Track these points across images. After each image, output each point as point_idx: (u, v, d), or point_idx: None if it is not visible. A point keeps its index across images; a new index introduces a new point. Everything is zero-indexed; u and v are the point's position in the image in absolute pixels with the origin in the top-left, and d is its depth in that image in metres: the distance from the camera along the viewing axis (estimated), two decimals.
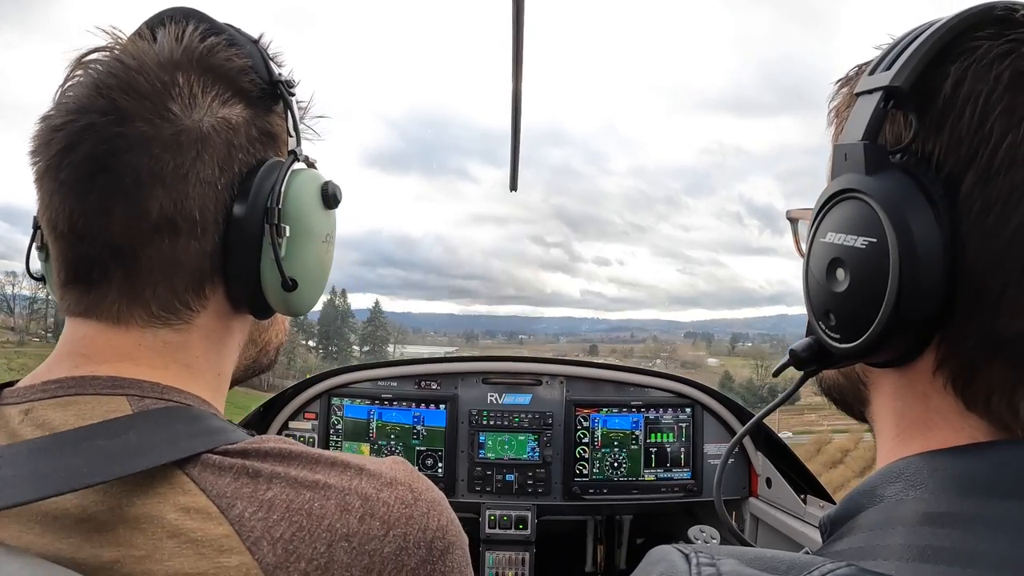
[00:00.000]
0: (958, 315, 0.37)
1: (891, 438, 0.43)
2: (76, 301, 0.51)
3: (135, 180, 0.48)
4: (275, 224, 0.53)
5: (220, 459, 0.46)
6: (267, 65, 0.57)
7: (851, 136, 0.41)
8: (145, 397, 0.49)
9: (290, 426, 1.93)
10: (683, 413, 1.93)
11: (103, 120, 0.48)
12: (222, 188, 0.52)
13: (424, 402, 1.92)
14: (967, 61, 0.38)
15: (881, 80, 0.40)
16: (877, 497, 0.39)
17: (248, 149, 0.54)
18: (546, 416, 1.91)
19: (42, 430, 0.46)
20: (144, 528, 0.42)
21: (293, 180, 0.55)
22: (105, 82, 0.49)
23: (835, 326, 0.42)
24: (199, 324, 0.54)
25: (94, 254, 0.49)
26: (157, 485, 0.44)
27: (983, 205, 0.36)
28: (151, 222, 0.49)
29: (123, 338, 0.51)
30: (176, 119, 0.50)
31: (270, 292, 0.55)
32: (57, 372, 0.50)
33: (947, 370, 0.39)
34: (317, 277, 0.59)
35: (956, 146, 0.37)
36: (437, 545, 0.49)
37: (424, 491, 0.51)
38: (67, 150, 0.48)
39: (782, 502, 1.76)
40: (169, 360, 0.52)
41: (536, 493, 1.88)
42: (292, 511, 0.45)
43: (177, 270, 0.51)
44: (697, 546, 0.37)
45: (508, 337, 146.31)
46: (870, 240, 0.39)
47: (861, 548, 0.36)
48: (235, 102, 0.54)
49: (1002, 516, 0.33)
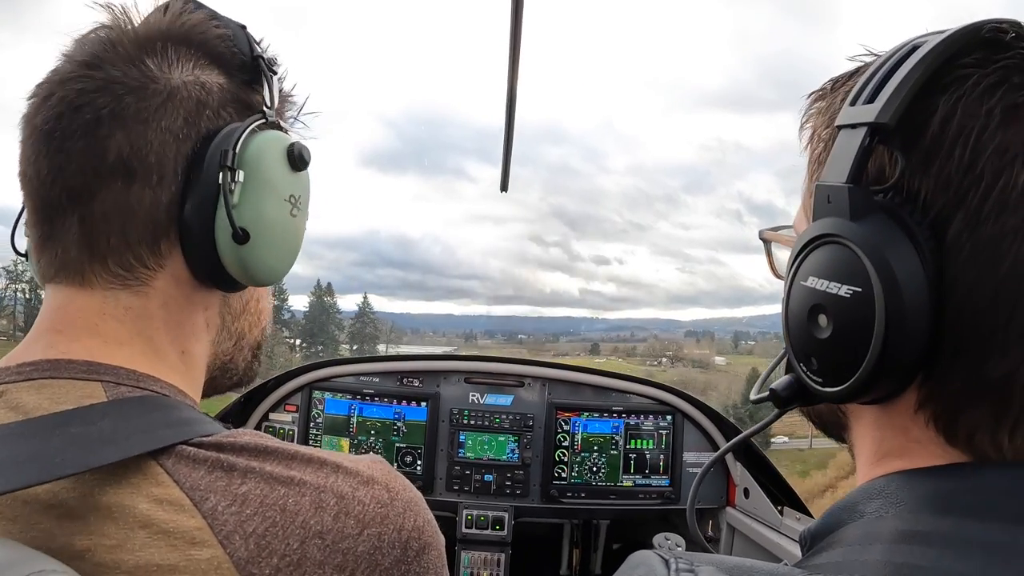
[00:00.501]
0: (943, 359, 0.36)
1: (870, 462, 0.43)
2: (48, 262, 0.51)
3: (96, 119, 0.49)
4: (227, 166, 0.51)
5: (195, 451, 0.45)
6: (249, 42, 0.57)
7: (834, 176, 0.40)
8: (120, 384, 0.48)
9: (270, 418, 1.93)
10: (664, 420, 1.93)
11: (80, 70, 0.50)
12: (183, 139, 0.51)
13: (405, 399, 1.92)
14: (956, 93, 0.36)
15: (865, 115, 0.39)
16: (857, 513, 0.39)
17: (219, 112, 0.53)
18: (527, 418, 1.91)
19: (16, 413, 0.45)
20: (116, 517, 0.42)
21: (257, 134, 0.54)
22: (89, 40, 0.51)
23: (817, 370, 0.41)
24: (158, 287, 0.52)
25: (53, 198, 0.49)
26: (130, 475, 0.43)
27: (971, 252, 0.35)
28: (108, 164, 0.49)
29: (89, 304, 0.51)
30: (148, 71, 0.51)
31: (223, 248, 0.52)
32: (33, 353, 0.49)
33: (929, 409, 0.38)
34: (277, 236, 0.56)
35: (944, 187, 0.36)
36: (412, 545, 0.49)
37: (401, 491, 0.51)
38: (44, 99, 0.50)
39: (759, 513, 1.76)
40: (133, 332, 0.51)
41: (514, 494, 1.88)
42: (266, 506, 0.44)
43: (131, 219, 0.50)
44: (677, 552, 0.37)
45: (507, 337, 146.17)
46: (855, 289, 0.38)
47: (839, 563, 0.36)
48: (212, 68, 0.54)
49: (977, 537, 0.33)
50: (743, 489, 1.84)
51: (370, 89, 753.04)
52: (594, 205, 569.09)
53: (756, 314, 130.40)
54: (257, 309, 0.63)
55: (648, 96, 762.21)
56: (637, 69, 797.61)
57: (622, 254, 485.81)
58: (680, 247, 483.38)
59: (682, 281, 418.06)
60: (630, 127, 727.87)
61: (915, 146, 0.37)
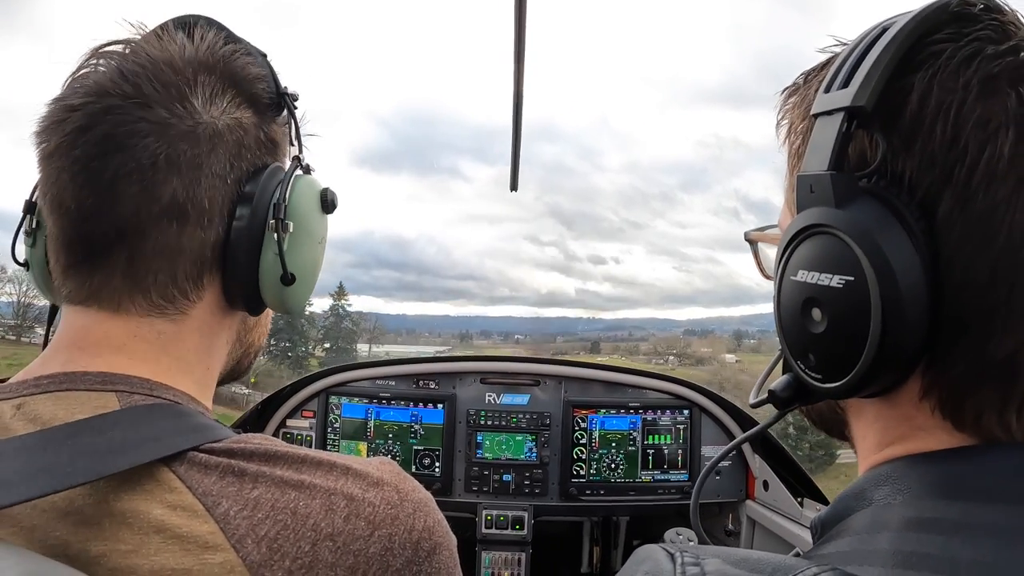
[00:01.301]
0: (944, 342, 0.36)
1: (873, 452, 0.42)
2: (77, 287, 0.52)
3: (152, 163, 0.50)
4: (281, 219, 0.56)
5: (206, 457, 0.46)
6: (275, 78, 0.60)
7: (815, 165, 0.39)
8: (133, 393, 0.49)
9: (288, 424, 1.93)
10: (681, 415, 1.93)
11: (126, 103, 0.49)
12: (231, 183, 0.54)
13: (422, 401, 1.92)
14: (931, 69, 0.36)
15: (840, 100, 0.38)
16: (865, 500, 0.39)
17: (255, 151, 0.57)
18: (544, 417, 1.91)
19: (33, 424, 0.46)
20: (130, 523, 0.43)
21: (297, 183, 0.59)
22: (130, 69, 0.51)
23: (815, 366, 0.40)
24: (194, 315, 0.55)
25: (99, 233, 0.50)
26: (144, 482, 0.44)
27: (964, 229, 0.34)
28: (161, 206, 0.50)
29: (119, 328, 0.52)
30: (195, 112, 0.52)
31: (267, 286, 0.57)
32: (50, 367, 0.50)
33: (934, 396, 0.37)
34: (311, 275, 0.61)
35: (929, 166, 0.35)
36: (423, 546, 0.50)
37: (410, 492, 0.51)
38: (83, 129, 0.49)
39: (779, 505, 1.76)
40: (160, 352, 0.53)
41: (533, 493, 1.88)
42: (277, 510, 0.45)
43: (180, 257, 0.52)
44: (682, 545, 0.37)
45: (504, 337, 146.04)
46: (847, 279, 0.36)
47: (847, 552, 0.36)
48: (246, 107, 0.56)
49: (985, 522, 0.33)
50: (762, 482, 1.84)
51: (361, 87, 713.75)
52: (590, 204, 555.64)
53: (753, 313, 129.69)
54: (265, 321, 0.67)
55: (643, 92, 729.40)
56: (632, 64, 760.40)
57: (618, 253, 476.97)
58: (676, 246, 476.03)
59: (679, 280, 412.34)
60: (625, 124, 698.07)
61: (895, 127, 0.36)
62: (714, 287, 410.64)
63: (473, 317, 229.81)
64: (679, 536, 1.71)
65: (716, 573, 0.33)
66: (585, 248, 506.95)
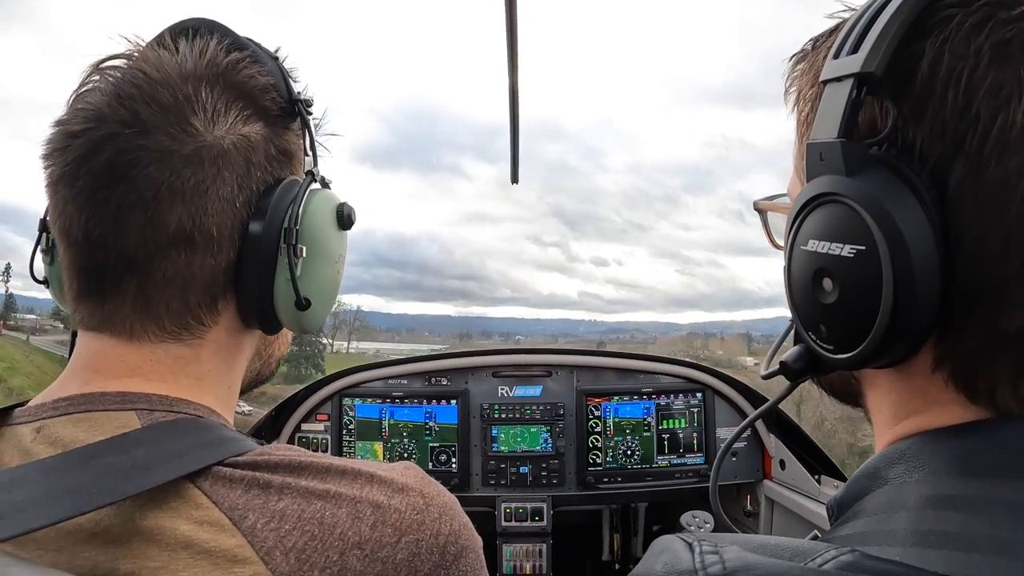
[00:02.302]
0: (956, 314, 0.35)
1: (889, 425, 0.42)
2: (90, 314, 0.51)
3: (155, 194, 0.48)
4: (292, 244, 0.54)
5: (231, 471, 0.46)
6: (287, 83, 0.57)
7: (824, 132, 0.38)
8: (154, 410, 0.49)
9: (303, 428, 1.93)
10: (694, 398, 1.93)
11: (125, 131, 0.48)
12: (240, 205, 0.52)
13: (435, 398, 1.92)
14: (942, 35, 0.35)
15: (850, 66, 0.37)
16: (881, 479, 0.38)
17: (266, 167, 0.54)
18: (557, 407, 1.92)
19: (54, 447, 0.46)
20: (158, 541, 0.43)
21: (310, 200, 0.56)
22: (127, 91, 0.49)
23: (827, 337, 0.40)
24: (210, 339, 0.54)
25: (107, 264, 0.49)
26: (170, 499, 0.44)
27: (975, 198, 0.34)
28: (168, 236, 0.49)
29: (134, 353, 0.51)
30: (198, 134, 0.50)
31: (282, 310, 0.56)
32: (68, 389, 0.50)
33: (947, 368, 0.37)
34: (328, 296, 0.60)
35: (941, 134, 0.34)
36: (450, 550, 0.50)
37: (435, 496, 0.52)
38: (85, 158, 0.48)
39: (796, 483, 1.76)
40: (180, 374, 0.53)
41: (551, 484, 1.88)
42: (304, 520, 0.45)
43: (191, 285, 0.51)
44: (700, 535, 0.37)
45: (505, 338, 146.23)
46: (858, 248, 0.36)
47: (865, 533, 0.36)
48: (255, 120, 0.54)
49: (1002, 498, 0.33)
50: (779, 461, 1.84)
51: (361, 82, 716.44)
52: (593, 204, 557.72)
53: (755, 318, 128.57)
54: (285, 332, 0.66)
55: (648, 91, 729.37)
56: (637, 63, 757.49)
57: (621, 255, 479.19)
58: (680, 248, 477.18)
59: (681, 283, 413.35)
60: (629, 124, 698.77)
61: (905, 94, 0.36)
62: (716, 291, 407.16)
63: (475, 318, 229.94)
64: (695, 519, 1.71)
65: (735, 560, 0.33)
66: (587, 249, 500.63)
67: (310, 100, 0.59)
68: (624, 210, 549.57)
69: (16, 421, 0.49)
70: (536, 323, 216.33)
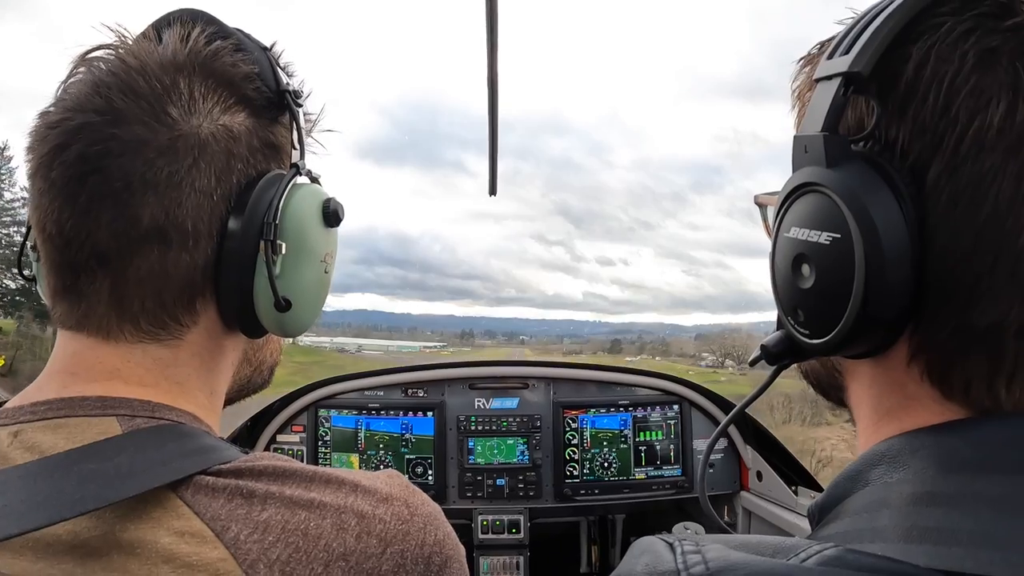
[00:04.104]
0: (929, 307, 0.36)
1: (871, 424, 0.43)
2: (67, 312, 0.50)
3: (126, 185, 0.46)
4: (270, 240, 0.51)
5: (213, 480, 0.45)
6: (275, 73, 0.54)
7: (810, 127, 0.40)
8: (136, 416, 0.48)
9: (278, 439, 1.92)
10: (671, 410, 1.93)
11: (98, 120, 0.46)
12: (218, 199, 0.50)
13: (412, 410, 1.91)
14: (930, 40, 0.36)
15: (839, 65, 0.39)
16: (862, 481, 0.39)
17: (248, 160, 0.52)
18: (534, 419, 1.91)
19: (32, 453, 0.45)
20: (138, 554, 0.42)
21: (293, 195, 0.53)
22: (104, 80, 0.47)
23: (804, 322, 0.42)
24: (190, 340, 0.52)
25: (81, 259, 0.47)
26: (150, 509, 0.43)
27: (951, 195, 0.35)
28: (141, 230, 0.47)
29: (112, 354, 0.50)
30: (174, 123, 0.48)
31: (263, 311, 0.53)
32: (46, 392, 0.49)
33: (921, 361, 0.38)
34: (313, 298, 0.56)
35: (921, 132, 0.36)
36: (435, 560, 0.49)
37: (420, 505, 0.51)
38: (59, 148, 0.46)
39: (773, 494, 1.76)
40: (159, 377, 0.51)
41: (528, 496, 1.88)
42: (288, 532, 0.44)
43: (167, 282, 0.49)
44: (681, 534, 0.37)
45: (508, 338, 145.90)
46: (834, 236, 0.38)
47: (848, 532, 0.36)
48: (238, 109, 0.52)
49: (983, 492, 0.33)
50: (755, 472, 1.84)
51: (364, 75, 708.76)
52: (598, 202, 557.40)
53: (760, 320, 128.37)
54: (276, 338, 0.64)
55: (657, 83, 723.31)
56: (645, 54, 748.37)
57: (627, 255, 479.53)
58: (686, 249, 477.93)
59: (687, 284, 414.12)
60: (637, 118, 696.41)
61: (890, 93, 0.37)
62: (722, 292, 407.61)
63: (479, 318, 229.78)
64: (687, 530, 1.71)
65: (718, 560, 0.33)
66: (593, 249, 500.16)
67: (299, 91, 0.56)
68: (631, 208, 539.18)
69: None
70: (541, 323, 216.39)
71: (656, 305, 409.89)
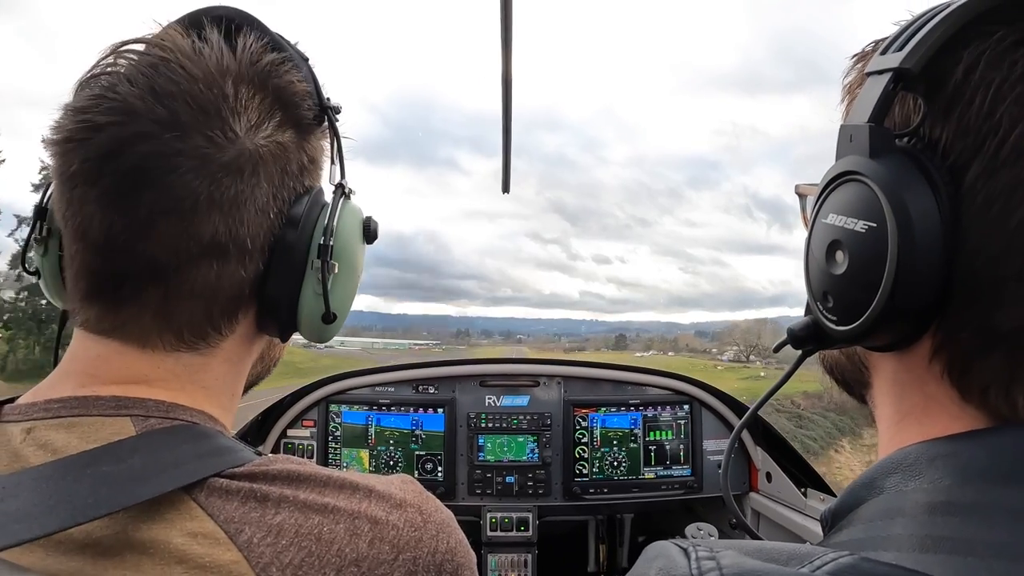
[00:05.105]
0: (955, 305, 0.37)
1: (891, 425, 0.43)
2: (98, 317, 0.49)
3: (193, 203, 0.46)
4: (327, 260, 0.53)
5: (227, 483, 0.45)
6: (318, 89, 0.56)
7: (857, 117, 0.41)
8: (150, 417, 0.48)
9: (288, 434, 1.92)
10: (681, 410, 1.93)
11: (159, 132, 0.45)
12: (274, 216, 0.51)
13: (422, 406, 1.91)
14: (981, 46, 0.37)
15: (891, 61, 0.39)
16: (877, 488, 0.39)
17: (297, 176, 0.53)
18: (544, 417, 1.91)
19: (45, 451, 0.45)
20: (152, 554, 0.42)
21: (342, 216, 0.55)
22: (164, 87, 0.45)
23: (832, 308, 0.42)
24: (224, 347, 0.53)
25: (131, 270, 0.47)
26: (164, 511, 0.43)
27: (986, 197, 0.35)
28: (202, 247, 0.47)
29: (143, 361, 0.50)
30: (237, 139, 0.48)
31: (305, 321, 0.55)
32: (60, 391, 0.48)
33: (943, 358, 0.38)
34: (348, 309, 0.59)
35: (964, 134, 0.37)
36: (447, 567, 0.50)
37: (433, 512, 0.51)
38: (110, 156, 0.45)
39: (783, 496, 1.76)
40: (186, 382, 0.51)
41: (537, 494, 1.88)
42: (301, 536, 0.44)
43: (216, 295, 0.50)
44: (695, 540, 0.37)
45: (505, 337, 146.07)
46: (870, 224, 0.38)
47: (862, 539, 0.36)
48: (288, 127, 0.52)
49: (1000, 503, 0.33)
50: (765, 473, 1.84)
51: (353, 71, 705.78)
52: (594, 200, 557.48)
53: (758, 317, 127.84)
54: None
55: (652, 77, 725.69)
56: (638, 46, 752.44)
57: (624, 253, 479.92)
58: (683, 246, 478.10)
59: (684, 282, 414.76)
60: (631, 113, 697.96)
61: (938, 93, 0.38)
62: (720, 290, 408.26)
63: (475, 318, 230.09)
64: (700, 531, 1.71)
65: (732, 567, 0.33)
66: (589, 247, 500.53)
67: (339, 107, 0.57)
68: (627, 205, 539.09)
69: (4, 419, 0.48)
70: (537, 323, 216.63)
71: (653, 304, 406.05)
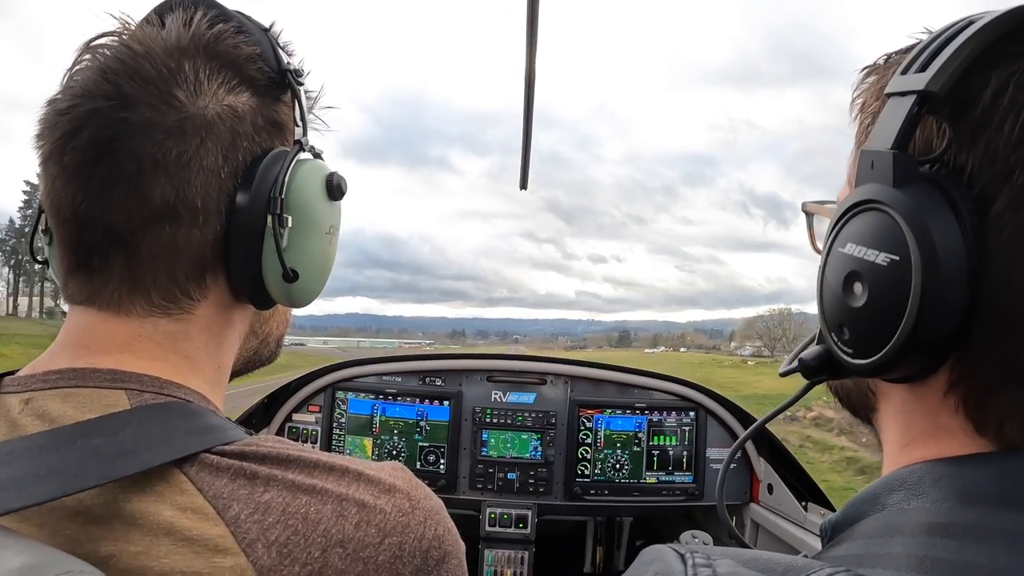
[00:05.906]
0: (976, 339, 0.36)
1: (896, 447, 0.42)
2: (78, 289, 0.51)
3: (137, 166, 0.48)
4: (277, 214, 0.53)
5: (217, 459, 0.46)
6: (276, 53, 0.56)
7: (879, 142, 0.39)
8: (144, 391, 0.49)
9: (293, 419, 1.93)
10: (686, 416, 1.93)
11: (107, 105, 0.48)
12: (225, 176, 0.52)
13: (428, 398, 1.92)
14: (1010, 69, 0.35)
15: (915, 83, 0.38)
16: (879, 505, 0.39)
17: (253, 138, 0.54)
18: (549, 415, 1.91)
19: (42, 421, 0.46)
20: (140, 525, 0.43)
21: (297, 170, 0.55)
22: (111, 67, 0.49)
23: (848, 340, 0.40)
24: (200, 314, 0.54)
25: (95, 240, 0.49)
26: (155, 483, 0.44)
27: (1014, 230, 0.34)
28: (152, 209, 0.49)
29: (123, 327, 0.51)
30: (181, 106, 0.50)
31: (271, 283, 0.55)
32: (58, 362, 0.50)
33: (959, 392, 0.37)
34: (319, 269, 0.59)
35: (991, 162, 0.35)
36: (433, 554, 0.50)
37: (422, 499, 0.52)
38: (71, 134, 0.48)
39: (783, 509, 1.76)
40: (168, 351, 0.52)
41: (537, 492, 1.88)
42: (288, 514, 0.45)
43: (178, 258, 0.51)
44: (692, 546, 0.37)
45: (501, 337, 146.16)
46: (892, 258, 0.37)
47: (860, 555, 0.36)
48: (242, 90, 0.54)
49: (1000, 527, 0.33)
50: (767, 485, 1.84)
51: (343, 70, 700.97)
52: (589, 198, 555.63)
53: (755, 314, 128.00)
54: (283, 310, 0.66)
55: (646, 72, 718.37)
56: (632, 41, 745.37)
57: (620, 251, 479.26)
58: (679, 244, 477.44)
59: (680, 281, 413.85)
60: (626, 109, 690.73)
61: (964, 118, 0.36)
62: (716, 288, 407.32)
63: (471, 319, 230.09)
64: (695, 539, 1.71)
65: (728, 574, 0.33)
66: (584, 246, 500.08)
67: (300, 70, 0.58)
68: (622, 203, 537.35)
69: (4, 391, 0.49)
70: (533, 323, 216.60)
71: (650, 302, 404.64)
